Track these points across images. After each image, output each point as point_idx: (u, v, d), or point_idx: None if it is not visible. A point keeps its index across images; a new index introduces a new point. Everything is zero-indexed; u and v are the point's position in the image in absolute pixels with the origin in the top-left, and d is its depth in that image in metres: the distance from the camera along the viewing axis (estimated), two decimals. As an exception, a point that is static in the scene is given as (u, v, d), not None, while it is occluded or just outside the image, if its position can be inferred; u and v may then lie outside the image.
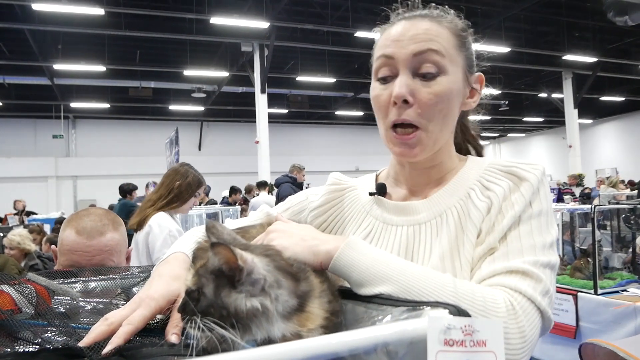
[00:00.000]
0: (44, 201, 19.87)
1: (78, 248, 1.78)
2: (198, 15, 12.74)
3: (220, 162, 21.51)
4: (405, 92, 0.97)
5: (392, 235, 1.07)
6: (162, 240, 3.09)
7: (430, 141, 1.02)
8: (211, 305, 0.65)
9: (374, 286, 0.81)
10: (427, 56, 0.99)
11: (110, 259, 1.84)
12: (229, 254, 0.65)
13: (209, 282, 0.67)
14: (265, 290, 0.66)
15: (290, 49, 16.38)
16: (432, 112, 1.00)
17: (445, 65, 1.00)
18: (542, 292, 0.86)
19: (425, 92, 0.99)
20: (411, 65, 0.99)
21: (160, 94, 20.22)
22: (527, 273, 0.87)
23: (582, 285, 3.96)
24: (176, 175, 3.35)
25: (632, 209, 4.51)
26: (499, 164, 1.05)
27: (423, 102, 0.99)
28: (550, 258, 0.92)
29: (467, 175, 1.07)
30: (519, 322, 0.80)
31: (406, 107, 0.99)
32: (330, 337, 0.50)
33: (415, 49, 0.99)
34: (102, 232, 1.83)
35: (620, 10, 11.77)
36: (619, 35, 16.52)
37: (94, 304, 0.97)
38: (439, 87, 0.99)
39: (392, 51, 1.01)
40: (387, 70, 1.02)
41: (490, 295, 0.81)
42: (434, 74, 0.99)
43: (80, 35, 14.43)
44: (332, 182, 1.25)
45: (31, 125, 21.70)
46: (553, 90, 20.41)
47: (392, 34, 1.03)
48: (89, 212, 1.90)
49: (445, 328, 0.51)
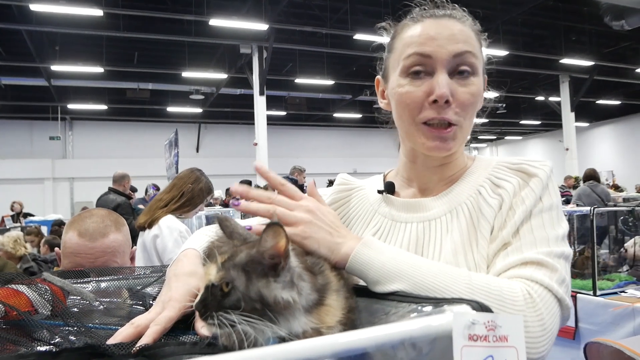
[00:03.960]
0: (40, 203, 19.79)
1: (81, 250, 1.78)
2: (197, 16, 12.71)
3: (218, 164, 21.44)
4: (448, 93, 0.99)
5: (402, 233, 1.08)
6: (174, 242, 3.12)
7: (462, 138, 1.06)
8: (243, 299, 0.64)
9: (390, 283, 0.82)
10: (465, 57, 1.02)
11: (113, 260, 1.82)
12: (283, 238, 0.65)
13: (239, 274, 0.65)
14: (294, 283, 0.66)
15: (288, 51, 16.37)
16: (468, 111, 1.03)
17: (477, 67, 1.04)
18: (559, 281, 0.87)
19: (463, 92, 1.01)
20: (449, 66, 1.01)
21: (158, 96, 20.19)
22: (542, 263, 0.88)
23: (581, 287, 3.99)
24: (189, 179, 3.38)
25: (631, 210, 4.54)
26: (507, 161, 1.07)
27: (461, 101, 1.01)
28: (564, 249, 0.93)
29: (477, 173, 1.09)
30: (537, 311, 0.80)
31: (446, 106, 1.00)
32: (357, 333, 0.51)
33: (455, 49, 1.01)
34: (105, 233, 1.82)
35: (616, 14, 11.86)
36: (616, 39, 16.58)
37: (106, 304, 0.98)
38: (474, 88, 1.03)
39: (431, 50, 1.01)
40: (421, 67, 1.02)
41: (507, 286, 0.81)
42: (469, 74, 1.02)
43: (78, 36, 14.39)
44: (340, 183, 1.26)
45: (28, 126, 21.63)
46: (550, 93, 20.49)
47: (425, 32, 1.03)
48: (92, 214, 1.89)
49: (469, 323, 0.51)
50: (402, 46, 1.06)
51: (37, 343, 0.74)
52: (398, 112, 1.08)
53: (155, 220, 3.23)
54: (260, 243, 0.67)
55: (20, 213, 12.18)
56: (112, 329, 0.70)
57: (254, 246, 0.68)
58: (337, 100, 22.50)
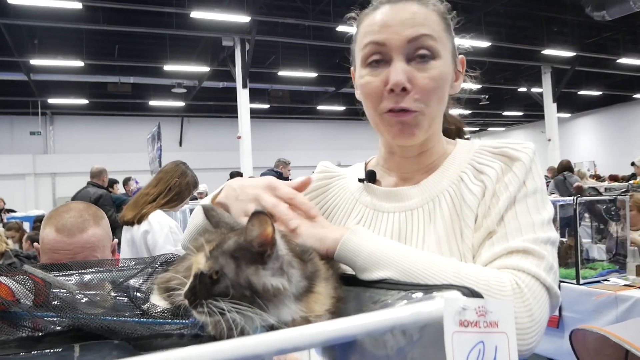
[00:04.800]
0: (22, 199, 19.53)
1: (59, 246, 1.71)
2: (178, 9, 12.60)
3: (201, 158, 21.29)
4: (403, 80, 0.95)
5: (384, 222, 1.06)
6: (164, 238, 3.10)
7: (426, 124, 1.01)
8: (232, 286, 0.63)
9: (378, 270, 0.81)
10: (422, 41, 0.97)
11: (93, 255, 1.75)
12: (269, 226, 0.64)
13: (228, 262, 0.65)
14: (283, 270, 0.66)
15: (271, 44, 16.29)
16: (430, 96, 0.99)
17: (438, 49, 0.99)
18: (546, 269, 0.86)
19: (422, 78, 0.97)
20: (405, 52, 0.97)
21: (140, 90, 19.96)
22: (529, 251, 0.86)
23: (565, 275, 4.04)
24: (175, 173, 3.36)
25: (613, 199, 4.59)
26: (489, 145, 1.04)
27: (420, 87, 0.97)
28: (550, 234, 0.91)
29: (458, 159, 1.06)
30: (525, 302, 0.79)
31: (404, 94, 0.97)
32: (347, 320, 0.50)
33: (409, 34, 0.97)
34: (83, 228, 1.75)
35: (597, 5, 11.96)
36: (597, 30, 16.76)
37: (90, 297, 0.96)
38: (435, 72, 0.98)
39: (384, 37, 0.98)
40: (378, 56, 1.00)
41: (494, 276, 0.81)
42: (429, 58, 0.98)
43: (57, 29, 14.17)
44: (321, 170, 1.24)
45: (8, 122, 21.31)
46: (532, 84, 20.64)
47: (380, 19, 1.00)
48: (69, 208, 1.82)
49: (460, 309, 0.51)
50: (361, 36, 1.04)
51: (22, 330, 0.72)
52: (364, 103, 1.06)
53: (144, 216, 3.20)
54: (246, 232, 0.66)
55: (1, 210, 12.02)
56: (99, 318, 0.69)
57: (241, 234, 0.68)
58: (321, 93, 22.47)
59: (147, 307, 0.81)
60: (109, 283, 1.06)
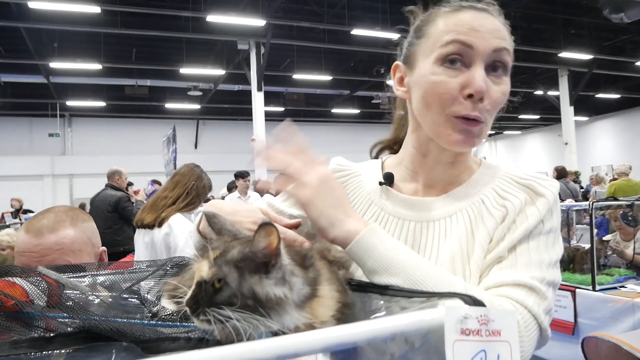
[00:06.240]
0: (40, 200, 19.76)
1: (25, 248, 1.58)
2: (194, 13, 12.71)
3: (216, 160, 21.38)
4: (485, 89, 0.95)
5: (398, 229, 1.06)
6: (185, 241, 3.14)
7: (485, 136, 1.02)
8: (235, 295, 0.63)
9: (387, 276, 0.81)
10: (502, 54, 0.98)
11: (63, 259, 1.58)
12: (275, 237, 0.65)
13: (232, 271, 0.65)
14: (285, 279, 0.66)
15: (286, 47, 16.36)
16: (496, 110, 1.01)
17: (509, 66, 1.00)
18: (545, 310, 0.88)
19: (496, 91, 0.98)
20: (488, 60, 0.97)
21: (156, 92, 20.17)
22: (534, 289, 0.88)
23: (581, 282, 3.98)
24: (192, 177, 3.40)
25: (630, 205, 4.53)
26: (515, 174, 1.04)
27: (493, 99, 0.98)
28: (555, 277, 0.94)
29: (482, 180, 1.07)
30: (519, 337, 0.81)
31: (479, 102, 0.96)
32: (349, 327, 0.51)
33: (496, 44, 0.97)
34: (54, 228, 1.61)
35: (615, 7, 11.82)
36: (615, 32, 16.54)
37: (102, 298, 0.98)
38: (505, 87, 1.00)
39: (472, 40, 0.96)
40: (458, 57, 0.97)
41: (498, 304, 0.83)
42: (502, 73, 0.99)
43: (76, 33, 14.40)
44: (335, 169, 1.24)
45: (27, 123, 21.61)
46: (549, 87, 20.42)
47: (468, 22, 0.97)
48: (51, 211, 1.71)
49: (462, 317, 0.51)
50: (439, 33, 1.00)
51: (35, 330, 0.74)
52: (426, 100, 1.00)
53: (164, 219, 3.23)
54: (252, 243, 0.66)
55: (19, 209, 12.18)
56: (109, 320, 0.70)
57: (245, 243, 0.68)
58: (335, 96, 22.47)
59: (157, 310, 0.82)
60: (121, 285, 1.08)
